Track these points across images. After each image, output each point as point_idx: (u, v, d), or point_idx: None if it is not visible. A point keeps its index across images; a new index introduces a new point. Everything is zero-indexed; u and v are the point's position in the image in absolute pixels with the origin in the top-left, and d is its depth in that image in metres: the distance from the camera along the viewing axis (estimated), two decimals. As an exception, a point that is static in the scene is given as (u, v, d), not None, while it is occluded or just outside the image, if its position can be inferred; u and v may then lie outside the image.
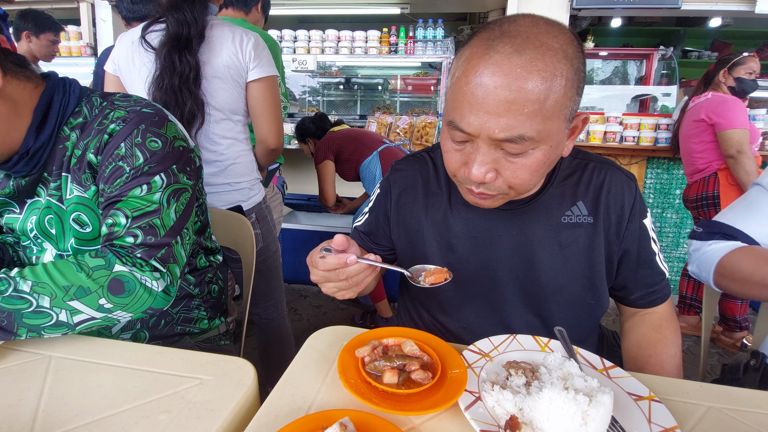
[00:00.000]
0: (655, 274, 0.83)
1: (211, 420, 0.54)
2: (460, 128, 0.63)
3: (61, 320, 0.65)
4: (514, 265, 0.80)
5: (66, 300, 0.65)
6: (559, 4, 2.94)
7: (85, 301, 0.66)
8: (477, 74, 0.59)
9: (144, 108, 0.81)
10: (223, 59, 1.26)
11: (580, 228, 0.78)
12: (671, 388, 0.64)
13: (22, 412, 0.55)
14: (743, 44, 4.58)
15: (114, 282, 0.67)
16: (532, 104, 0.58)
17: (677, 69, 4.05)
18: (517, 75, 0.57)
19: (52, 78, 0.80)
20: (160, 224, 0.75)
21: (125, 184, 0.75)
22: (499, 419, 0.53)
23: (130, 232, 0.72)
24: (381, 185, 0.92)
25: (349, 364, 0.62)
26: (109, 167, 0.76)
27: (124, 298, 0.68)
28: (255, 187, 1.45)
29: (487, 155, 0.63)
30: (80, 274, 0.66)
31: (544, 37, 0.58)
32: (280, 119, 1.42)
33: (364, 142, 2.37)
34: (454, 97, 0.63)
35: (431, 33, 3.43)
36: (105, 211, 0.76)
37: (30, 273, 0.65)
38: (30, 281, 0.64)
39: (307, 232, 2.94)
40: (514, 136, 0.60)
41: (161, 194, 0.77)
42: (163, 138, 0.80)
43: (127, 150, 0.76)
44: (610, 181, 0.79)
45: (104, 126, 0.78)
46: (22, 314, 0.63)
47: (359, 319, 2.64)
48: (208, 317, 0.99)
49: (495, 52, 0.58)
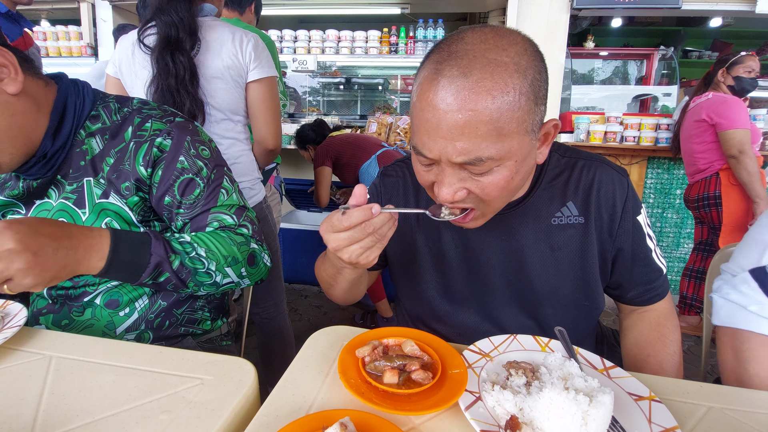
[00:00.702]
0: (652, 271, 0.82)
1: (212, 420, 0.54)
2: (422, 154, 0.63)
3: (216, 281, 0.80)
4: (505, 270, 0.79)
5: (224, 266, 0.80)
6: (560, 5, 2.94)
7: (234, 269, 0.81)
8: (428, 100, 0.59)
9: (175, 117, 0.87)
10: (223, 60, 1.27)
11: (572, 229, 0.77)
12: (672, 388, 0.64)
13: (23, 411, 0.55)
14: (744, 44, 4.57)
15: (251, 256, 0.84)
16: (485, 125, 0.57)
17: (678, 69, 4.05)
18: (465, 98, 0.56)
19: (63, 79, 0.81)
20: (252, 216, 0.89)
21: (205, 194, 0.85)
22: (499, 419, 0.53)
23: (242, 224, 0.86)
24: (370, 191, 0.90)
25: (350, 364, 0.62)
26: (177, 181, 0.83)
27: (254, 269, 0.85)
28: (256, 186, 1.45)
29: (453, 176, 0.63)
30: (233, 247, 0.81)
31: (492, 53, 0.57)
32: (278, 120, 1.42)
33: (362, 147, 2.42)
34: (414, 122, 0.63)
35: (431, 33, 3.43)
36: (199, 218, 0.85)
37: (201, 241, 0.79)
38: (204, 248, 0.78)
39: (306, 232, 2.94)
40: (472, 159, 0.59)
41: (237, 195, 0.89)
42: (206, 144, 0.88)
43: (189, 162, 0.84)
44: (600, 178, 0.77)
45: (145, 137, 0.82)
46: (197, 272, 0.78)
47: (360, 319, 2.64)
48: (211, 318, 0.99)
49: (442, 77, 0.57)
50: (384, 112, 3.57)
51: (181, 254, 0.76)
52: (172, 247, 0.76)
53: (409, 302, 0.90)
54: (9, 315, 0.74)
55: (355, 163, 2.40)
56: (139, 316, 0.87)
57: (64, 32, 3.78)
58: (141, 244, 0.73)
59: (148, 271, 0.73)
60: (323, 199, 2.50)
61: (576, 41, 4.27)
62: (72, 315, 0.86)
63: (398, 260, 0.88)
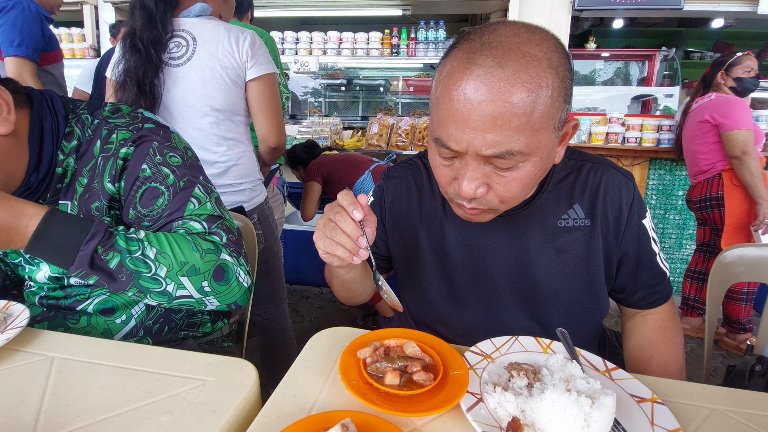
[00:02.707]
0: (656, 274, 0.82)
1: (213, 421, 0.54)
2: (447, 146, 0.61)
3: (167, 290, 0.69)
4: (510, 271, 0.79)
5: (178, 274, 0.69)
6: (561, 6, 2.94)
7: (193, 280, 0.70)
8: (460, 89, 0.57)
9: (145, 123, 0.79)
10: (219, 60, 1.25)
11: (577, 231, 0.77)
12: (674, 389, 0.64)
13: (25, 413, 0.55)
14: (746, 45, 4.57)
15: (218, 269, 0.72)
16: (519, 118, 0.56)
17: (679, 70, 4.05)
18: (500, 89, 0.55)
19: (34, 99, 0.75)
20: (231, 226, 0.78)
21: (171, 203, 0.76)
22: (501, 421, 0.53)
23: (213, 232, 0.75)
24: (374, 193, 0.90)
25: (351, 366, 0.62)
26: (139, 191, 0.75)
27: (222, 286, 0.72)
28: (257, 187, 1.45)
29: (477, 170, 0.61)
30: (195, 253, 0.70)
31: (527, 47, 0.56)
32: (280, 117, 1.40)
33: (354, 163, 2.49)
34: (438, 113, 0.61)
35: (433, 34, 3.43)
36: (163, 229, 0.76)
37: (155, 240, 0.69)
38: (155, 248, 0.68)
39: (308, 233, 2.95)
40: (503, 152, 0.58)
41: (212, 204, 0.79)
42: (178, 151, 0.80)
43: (152, 170, 0.76)
44: (607, 181, 0.77)
45: (111, 151, 0.76)
46: (140, 276, 0.68)
47: (361, 320, 2.65)
48: (211, 320, 0.99)
49: (476, 66, 0.56)
50: (385, 114, 3.57)
51: (122, 252, 0.67)
52: (113, 245, 0.67)
53: (413, 305, 0.90)
54: (11, 316, 0.74)
55: (348, 179, 2.45)
56: (137, 322, 0.86)
57: (66, 34, 3.79)
58: (78, 224, 0.66)
59: (75, 266, 0.65)
60: (309, 213, 2.55)
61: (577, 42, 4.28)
62: (68, 323, 0.84)
63: (402, 262, 0.88)
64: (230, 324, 1.07)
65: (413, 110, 4.12)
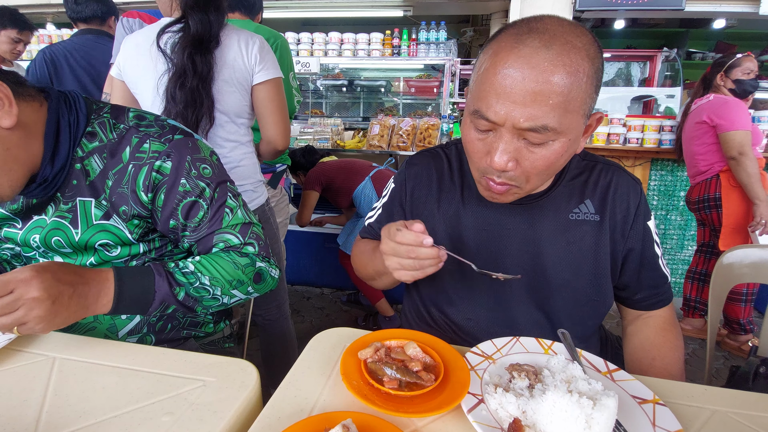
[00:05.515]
0: (658, 276, 0.84)
1: (214, 422, 0.54)
2: (485, 117, 0.65)
3: (224, 302, 0.84)
4: (521, 258, 0.81)
5: (230, 290, 0.83)
6: (562, 6, 2.94)
7: (240, 289, 0.85)
8: (506, 66, 0.62)
9: (174, 134, 0.84)
10: (229, 63, 1.27)
11: (587, 225, 0.80)
12: (676, 391, 0.64)
13: (26, 413, 0.55)
14: (748, 45, 4.56)
15: (257, 275, 0.87)
16: (557, 96, 0.61)
17: (681, 70, 4.04)
18: (544, 68, 0.60)
19: (51, 96, 0.78)
20: (258, 231, 0.91)
21: (212, 217, 0.85)
22: (502, 422, 0.53)
23: (247, 242, 0.87)
24: (396, 179, 0.94)
25: (352, 366, 0.62)
26: (181, 204, 0.83)
27: (260, 285, 0.89)
28: (258, 189, 1.45)
29: (510, 144, 0.65)
30: (238, 271, 0.84)
31: (569, 36, 0.62)
32: (287, 120, 1.42)
33: (355, 170, 2.50)
34: (481, 87, 0.66)
35: (434, 35, 3.43)
36: (204, 240, 0.86)
37: (205, 269, 0.81)
38: (207, 276, 0.81)
39: (310, 234, 2.95)
40: (538, 126, 0.62)
41: (241, 211, 0.89)
42: (207, 161, 0.87)
43: (191, 185, 0.83)
44: (617, 182, 0.82)
45: (144, 160, 0.80)
46: (203, 299, 0.81)
47: (362, 321, 2.65)
48: (213, 321, 1.00)
49: (524, 46, 0.62)
50: (386, 114, 3.57)
51: (185, 286, 0.78)
52: (176, 280, 0.77)
53: (424, 287, 0.92)
54: (13, 316, 0.74)
55: (348, 186, 2.47)
56: (141, 319, 0.87)
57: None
58: (144, 282, 0.75)
59: (155, 305, 0.76)
60: (304, 219, 2.62)
61: (579, 43, 4.25)
62: None
63: None
64: (232, 325, 1.07)
65: (414, 111, 4.12)
